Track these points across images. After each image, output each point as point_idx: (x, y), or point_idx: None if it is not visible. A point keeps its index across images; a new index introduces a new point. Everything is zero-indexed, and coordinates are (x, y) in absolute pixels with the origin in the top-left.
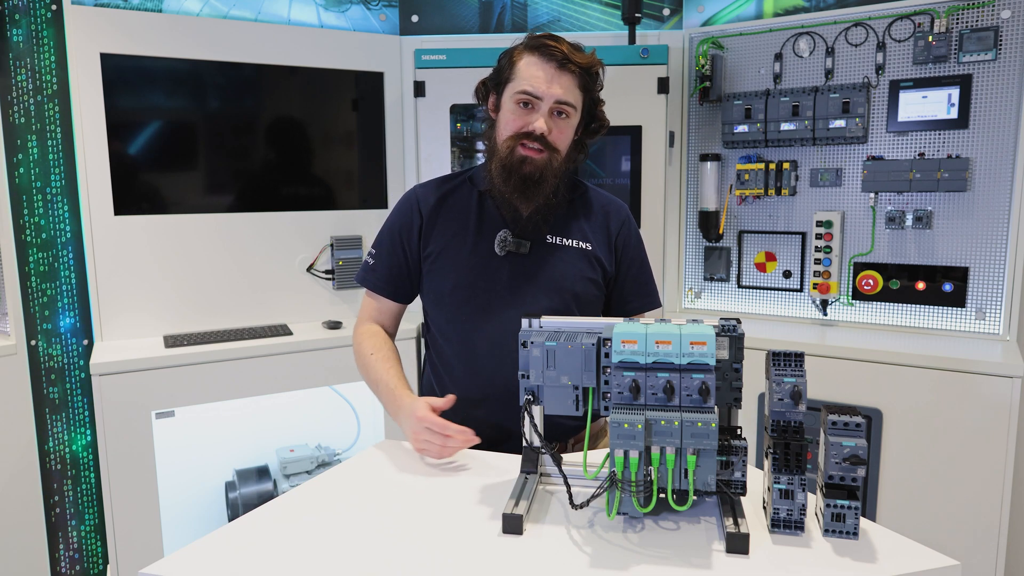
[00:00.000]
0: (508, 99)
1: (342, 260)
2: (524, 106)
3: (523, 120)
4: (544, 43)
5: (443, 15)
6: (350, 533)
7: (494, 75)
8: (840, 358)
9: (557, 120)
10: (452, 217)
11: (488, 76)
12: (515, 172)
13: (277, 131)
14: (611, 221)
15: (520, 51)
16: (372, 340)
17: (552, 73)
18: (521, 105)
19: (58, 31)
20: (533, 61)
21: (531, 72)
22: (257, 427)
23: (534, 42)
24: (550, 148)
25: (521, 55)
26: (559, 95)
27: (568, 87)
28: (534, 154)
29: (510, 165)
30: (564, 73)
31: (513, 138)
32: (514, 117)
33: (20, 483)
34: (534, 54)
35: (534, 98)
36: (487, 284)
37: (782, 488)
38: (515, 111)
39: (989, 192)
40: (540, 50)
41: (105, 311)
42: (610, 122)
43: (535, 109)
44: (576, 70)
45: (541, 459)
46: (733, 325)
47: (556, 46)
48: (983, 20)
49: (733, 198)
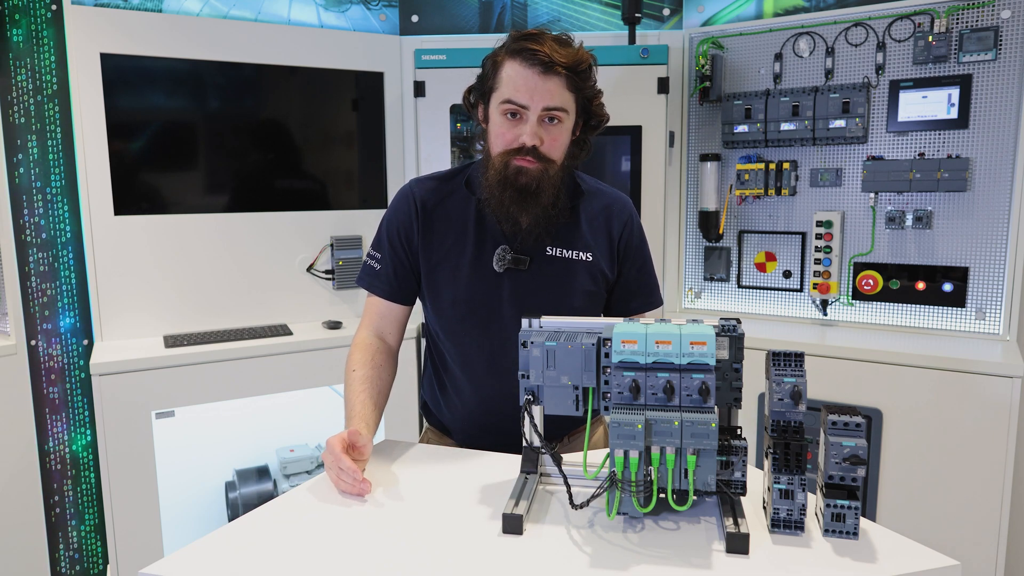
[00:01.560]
0: (495, 109)
1: (342, 260)
2: (512, 116)
3: (512, 133)
4: (525, 47)
5: (443, 15)
6: (350, 533)
7: (479, 83)
8: (840, 358)
9: (549, 127)
10: (449, 225)
11: (473, 85)
12: (510, 184)
13: (277, 131)
14: (613, 224)
15: (503, 56)
16: (361, 355)
17: (536, 80)
18: (508, 116)
19: (58, 31)
20: (516, 67)
21: (515, 80)
22: (257, 427)
23: (516, 46)
24: (543, 159)
25: (503, 61)
26: (547, 102)
27: (556, 91)
28: (528, 164)
29: (505, 179)
30: (550, 77)
31: (504, 153)
32: (503, 130)
33: (20, 483)
34: (516, 59)
35: (520, 107)
36: (485, 300)
37: (782, 488)
38: (503, 123)
39: (989, 192)
40: (522, 55)
41: (105, 311)
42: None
43: (523, 119)
44: (563, 72)
45: (541, 459)
46: (733, 325)
47: (539, 49)
48: (983, 20)
49: (733, 198)
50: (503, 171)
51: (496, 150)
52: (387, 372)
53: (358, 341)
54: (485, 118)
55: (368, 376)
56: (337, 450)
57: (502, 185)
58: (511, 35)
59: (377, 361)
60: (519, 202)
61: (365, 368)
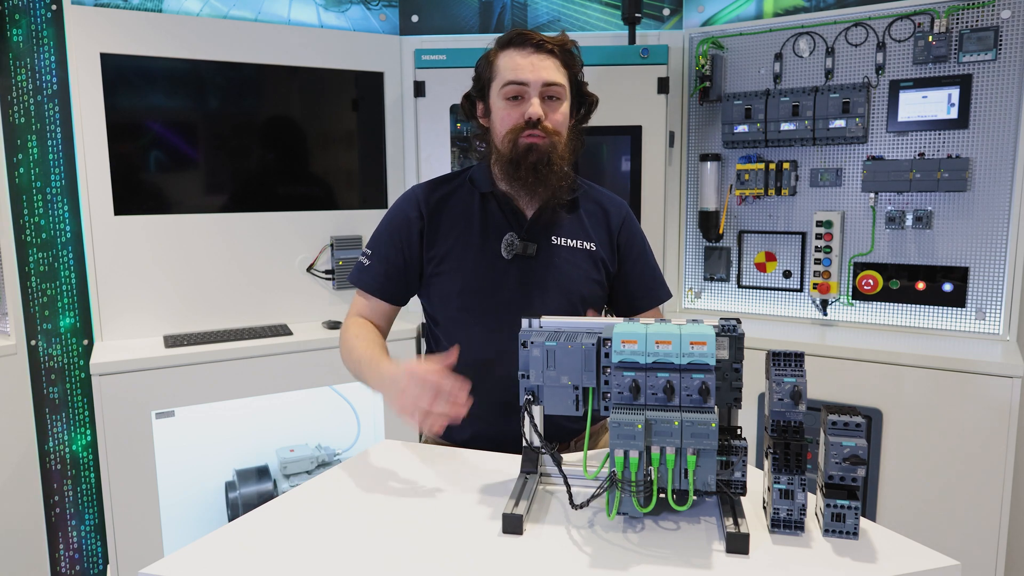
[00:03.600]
0: (496, 97)
1: (342, 260)
2: (514, 99)
3: (517, 112)
4: (517, 33)
5: (443, 15)
6: (350, 533)
7: (476, 83)
8: (840, 358)
9: (551, 104)
10: (455, 219)
11: (470, 89)
12: (522, 163)
13: (277, 131)
14: (611, 218)
15: (495, 51)
16: (357, 328)
17: (532, 58)
18: (511, 99)
19: (58, 31)
20: (511, 53)
21: (512, 63)
22: (257, 427)
23: (506, 38)
24: (550, 133)
25: (497, 53)
26: (546, 77)
27: (552, 68)
28: (537, 140)
29: (516, 158)
30: (544, 55)
31: (512, 132)
32: (507, 112)
33: (20, 483)
34: (509, 48)
35: (522, 85)
36: (495, 288)
37: (782, 488)
38: (506, 107)
39: (989, 192)
40: (514, 41)
41: (105, 311)
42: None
43: (526, 98)
44: (555, 49)
45: (541, 459)
46: (733, 325)
47: (528, 34)
48: (983, 20)
49: (733, 198)
50: (513, 150)
51: (502, 132)
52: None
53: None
54: (486, 112)
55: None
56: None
57: (515, 164)
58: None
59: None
60: (534, 179)
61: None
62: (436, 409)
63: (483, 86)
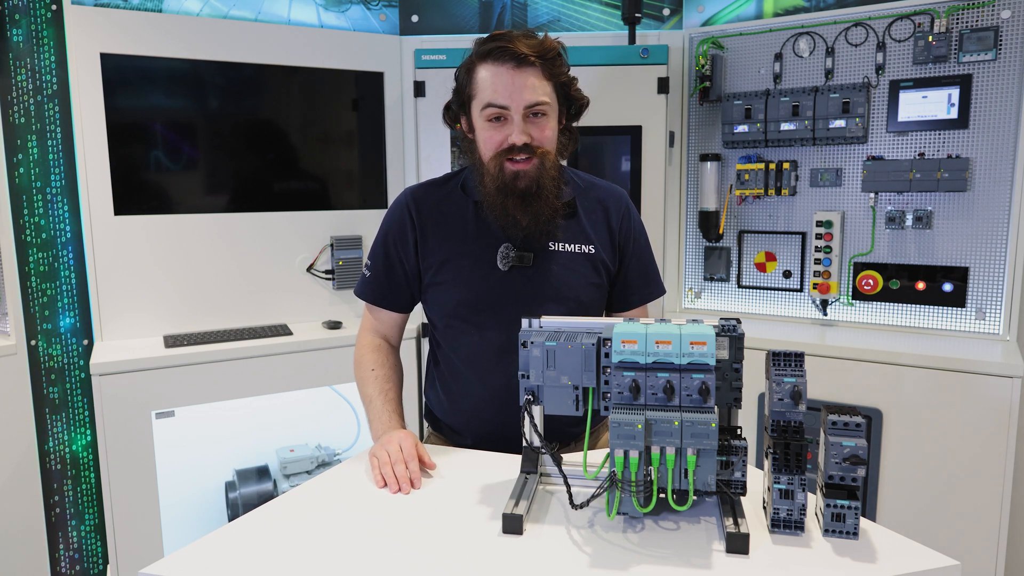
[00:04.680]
0: (478, 116)
1: (342, 260)
2: (496, 120)
3: (500, 135)
4: (494, 47)
5: (443, 15)
6: (350, 533)
7: (456, 95)
8: (840, 358)
9: (535, 122)
10: (449, 228)
11: (451, 99)
12: (511, 190)
13: (277, 131)
14: (611, 215)
15: (474, 62)
16: (375, 355)
17: (512, 77)
18: (492, 120)
19: (58, 31)
20: (489, 69)
21: (491, 82)
22: (257, 427)
23: (484, 48)
24: (537, 153)
25: (476, 66)
26: (528, 99)
27: (534, 85)
28: (523, 166)
29: (503, 185)
30: (524, 71)
31: (496, 156)
32: (490, 134)
33: (20, 483)
34: (487, 61)
35: (502, 109)
36: (492, 299)
37: (782, 488)
38: (488, 128)
39: (989, 192)
40: (492, 55)
41: (105, 311)
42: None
43: (508, 120)
44: (535, 61)
45: (541, 459)
46: (733, 325)
47: (507, 45)
48: (983, 20)
49: (733, 198)
50: (499, 177)
51: (487, 155)
52: (400, 371)
53: (366, 343)
54: (470, 128)
55: (390, 377)
56: (413, 451)
57: (502, 192)
58: (476, 41)
59: (392, 362)
60: (522, 207)
61: (385, 368)
62: (381, 477)
63: (464, 101)
